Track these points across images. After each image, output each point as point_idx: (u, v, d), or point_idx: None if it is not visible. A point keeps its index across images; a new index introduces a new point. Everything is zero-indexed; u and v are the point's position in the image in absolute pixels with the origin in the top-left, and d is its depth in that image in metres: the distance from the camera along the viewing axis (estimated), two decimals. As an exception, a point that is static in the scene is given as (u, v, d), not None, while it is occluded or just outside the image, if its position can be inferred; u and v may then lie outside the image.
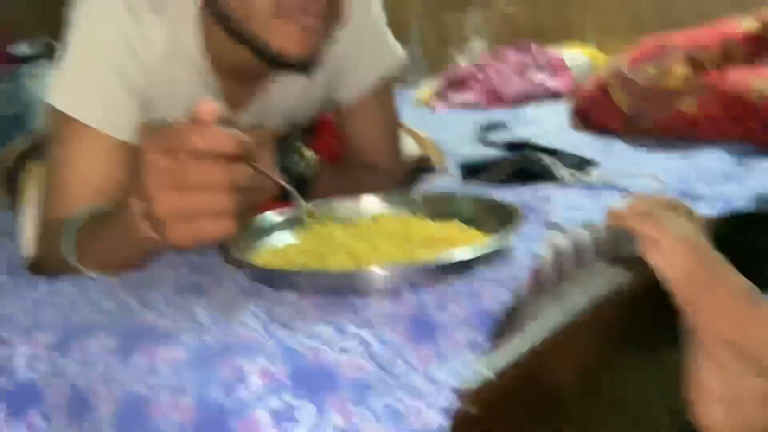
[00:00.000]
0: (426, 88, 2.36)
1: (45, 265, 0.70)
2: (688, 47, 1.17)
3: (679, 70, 1.11)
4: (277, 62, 0.72)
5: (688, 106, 1.09)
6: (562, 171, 0.87)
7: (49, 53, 2.22)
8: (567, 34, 2.60)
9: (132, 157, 0.74)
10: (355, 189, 0.89)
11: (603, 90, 1.28)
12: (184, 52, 0.76)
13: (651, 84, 1.14)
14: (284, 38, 0.67)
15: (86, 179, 0.71)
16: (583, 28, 2.56)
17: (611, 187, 0.85)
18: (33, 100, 1.12)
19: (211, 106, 0.49)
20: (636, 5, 2.42)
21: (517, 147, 1.01)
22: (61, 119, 0.71)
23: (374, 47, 0.90)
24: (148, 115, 0.78)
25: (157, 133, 0.50)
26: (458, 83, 2.25)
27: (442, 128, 1.71)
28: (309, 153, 0.79)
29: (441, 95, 2.25)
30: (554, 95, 2.14)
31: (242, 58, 0.73)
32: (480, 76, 2.22)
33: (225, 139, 0.48)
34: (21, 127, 1.13)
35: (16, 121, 1.14)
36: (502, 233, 0.55)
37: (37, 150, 0.90)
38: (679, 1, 2.32)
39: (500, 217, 0.61)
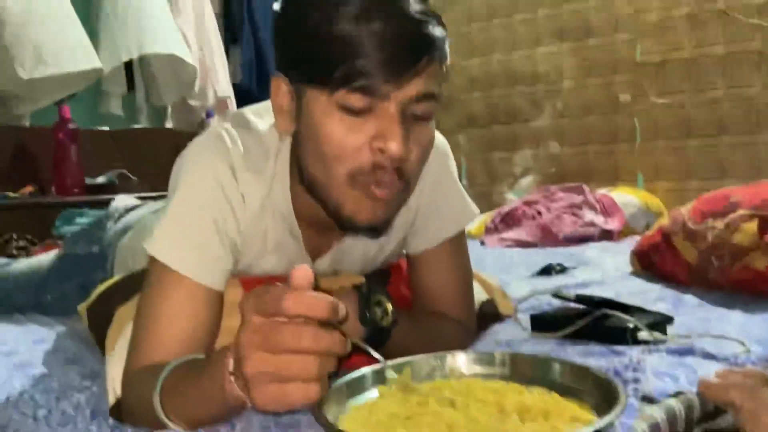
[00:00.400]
0: (477, 223, 2.41)
1: (130, 414, 0.70)
2: (754, 203, 1.18)
3: (748, 228, 1.11)
4: (348, 227, 0.75)
5: (759, 263, 1.08)
6: (642, 332, 0.86)
7: (123, 183, 2.36)
8: (615, 175, 2.66)
9: (220, 308, 0.77)
10: (428, 339, 0.89)
11: (668, 240, 1.28)
12: (275, 206, 0.80)
13: (719, 240, 1.15)
14: (356, 208, 0.71)
15: (178, 328, 0.72)
16: (631, 171, 2.62)
17: (692, 350, 0.83)
18: (112, 239, 1.18)
19: (306, 272, 0.52)
20: (684, 150, 2.48)
21: (587, 300, 1.00)
22: (159, 267, 0.74)
23: (450, 204, 0.92)
24: (238, 261, 0.81)
25: (257, 295, 0.52)
26: (510, 220, 2.28)
27: (497, 266, 1.72)
28: (390, 305, 0.80)
29: (493, 230, 2.28)
30: (605, 235, 2.16)
31: (321, 214, 0.77)
32: (532, 213, 2.26)
33: (318, 306, 0.51)
34: (101, 266, 1.18)
35: (98, 259, 1.19)
36: (608, 415, 0.54)
37: (121, 292, 0.93)
38: (725, 148, 2.37)
39: (596, 388, 0.59)
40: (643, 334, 0.86)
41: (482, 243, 2.20)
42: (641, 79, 2.55)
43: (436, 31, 0.67)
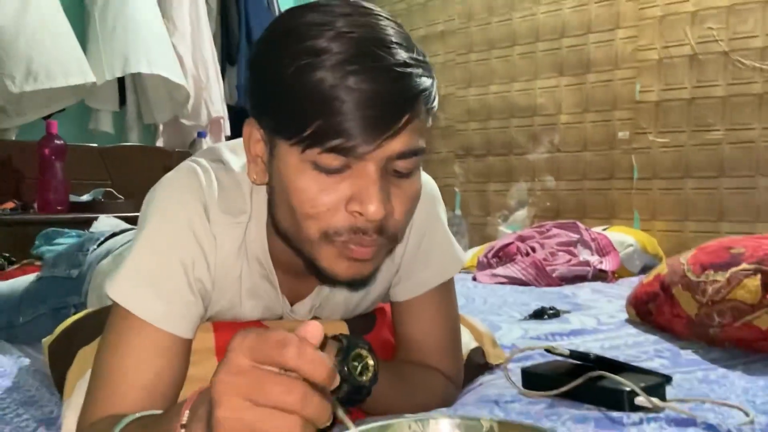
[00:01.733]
0: (469, 255, 2.36)
1: None
2: (757, 256, 1.14)
3: (751, 284, 1.07)
4: (326, 281, 0.70)
5: (763, 322, 1.03)
6: (640, 398, 0.80)
7: (109, 202, 2.30)
8: (610, 212, 2.62)
9: (187, 357, 0.71)
10: (411, 393, 0.84)
11: (666, 290, 1.23)
12: (250, 249, 0.75)
13: (721, 296, 1.10)
14: (333, 264, 0.65)
15: (138, 378, 0.67)
16: (626, 209, 2.58)
17: (693, 421, 0.78)
18: (92, 262, 1.12)
19: (318, 330, 0.45)
20: (681, 190, 2.44)
21: (582, 357, 0.95)
22: (121, 311, 0.68)
23: (437, 252, 0.87)
24: (210, 307, 0.75)
25: (256, 334, 0.46)
26: (504, 255, 2.23)
27: (487, 306, 1.67)
28: (370, 360, 0.75)
29: (485, 265, 2.23)
30: (600, 275, 2.11)
31: (300, 263, 0.72)
32: (526, 249, 2.21)
33: (320, 367, 0.44)
34: (77, 290, 1.12)
35: (75, 283, 1.14)
36: None
37: (85, 330, 0.87)
38: (724, 191, 2.34)
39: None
40: (641, 400, 0.81)
41: (474, 278, 2.15)
42: (640, 116, 2.52)
43: (422, 82, 0.61)
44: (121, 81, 2.73)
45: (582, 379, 0.85)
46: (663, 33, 2.44)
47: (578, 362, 0.95)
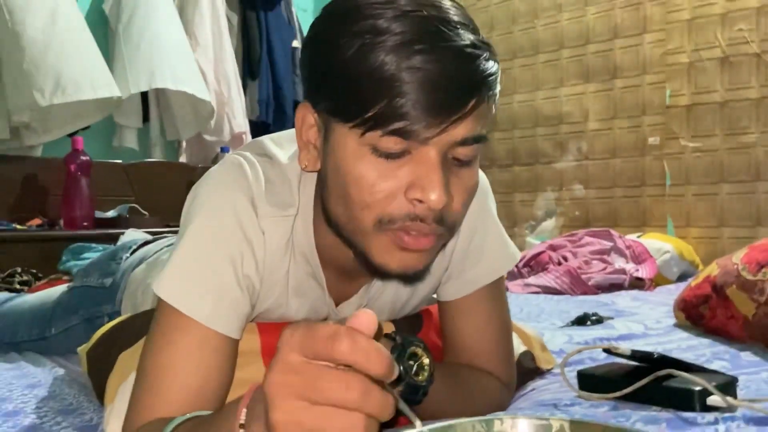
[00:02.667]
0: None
1: None
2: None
3: (815, 279, 1.01)
4: (378, 273, 0.66)
5: (830, 319, 0.98)
6: (713, 397, 0.75)
7: (134, 218, 2.29)
8: (642, 220, 2.56)
9: (235, 358, 0.67)
10: (464, 397, 0.79)
11: (720, 292, 1.18)
12: (297, 245, 0.72)
13: (783, 293, 1.04)
14: (386, 256, 0.62)
15: (186, 380, 0.63)
16: (659, 216, 2.52)
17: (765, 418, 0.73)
18: (125, 270, 1.10)
19: (371, 318, 0.41)
20: (716, 195, 2.38)
21: (645, 358, 0.89)
22: (167, 310, 0.65)
23: (489, 248, 0.83)
24: (256, 306, 0.72)
25: (304, 329, 0.42)
26: (536, 265, 2.18)
27: (524, 314, 1.62)
28: (426, 359, 0.70)
29: (517, 275, 2.18)
30: (636, 284, 2.05)
31: (348, 256, 0.68)
32: (558, 259, 2.16)
33: (378, 358, 0.39)
34: (111, 298, 1.10)
35: (109, 292, 1.12)
36: None
37: (125, 335, 0.84)
38: (761, 195, 2.27)
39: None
40: (715, 399, 0.75)
41: (506, 289, 2.10)
42: (670, 121, 2.47)
43: (489, 66, 0.58)
44: (144, 98, 2.73)
45: (650, 378, 0.80)
46: (692, 36, 2.40)
47: (636, 363, 0.91)
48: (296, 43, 3.20)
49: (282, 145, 0.75)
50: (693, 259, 2.25)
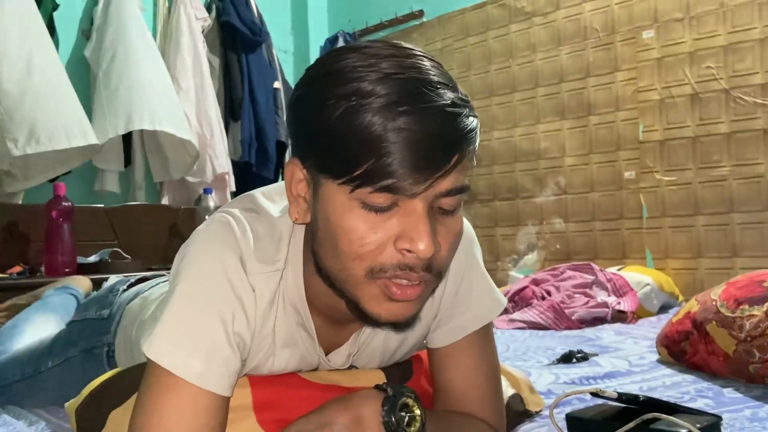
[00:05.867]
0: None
1: None
2: (791, 289, 1.12)
3: (791, 316, 1.04)
4: (368, 322, 0.68)
5: (807, 355, 1.01)
6: (699, 439, 0.77)
7: (116, 262, 2.28)
8: (622, 253, 2.60)
9: (226, 416, 0.68)
10: (457, 444, 0.80)
11: (700, 329, 1.21)
12: (286, 297, 0.73)
13: (760, 331, 1.07)
14: (376, 307, 0.64)
15: None
16: (638, 248, 2.57)
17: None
18: (122, 303, 1.11)
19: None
20: (693, 227, 2.44)
21: (631, 400, 0.91)
22: (157, 370, 0.65)
23: (475, 295, 0.84)
24: (246, 362, 0.73)
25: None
26: (520, 300, 2.20)
27: (510, 352, 1.63)
28: (417, 410, 0.71)
29: (501, 311, 2.19)
30: (618, 316, 2.08)
31: (338, 305, 0.70)
32: (541, 293, 2.18)
33: None
34: (107, 329, 1.10)
35: (106, 323, 1.12)
36: None
37: (116, 392, 0.84)
38: (735, 226, 2.33)
39: None
40: (700, 442, 0.77)
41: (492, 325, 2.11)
42: (645, 156, 2.53)
43: (469, 122, 0.61)
44: (127, 142, 2.74)
45: (636, 422, 0.82)
46: (662, 74, 2.48)
47: (625, 405, 0.92)
48: (277, 84, 3.24)
49: (273, 198, 0.77)
50: (672, 291, 2.29)
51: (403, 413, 0.70)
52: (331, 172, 0.61)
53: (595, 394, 0.91)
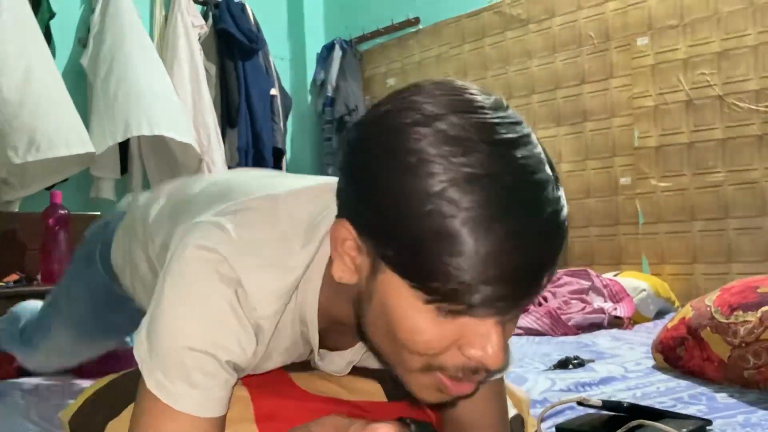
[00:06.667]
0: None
1: None
2: (785, 294, 1.12)
3: (784, 322, 1.05)
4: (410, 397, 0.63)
5: (801, 360, 1.01)
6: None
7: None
8: (618, 258, 2.61)
9: (223, 426, 0.67)
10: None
11: (695, 335, 1.21)
12: (298, 314, 0.70)
13: (755, 337, 1.08)
14: (424, 394, 0.59)
15: None
16: (634, 254, 2.57)
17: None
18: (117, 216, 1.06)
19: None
20: (688, 233, 2.44)
21: (616, 407, 0.92)
22: (152, 396, 0.64)
23: None
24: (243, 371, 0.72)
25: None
26: (516, 307, 2.20)
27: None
28: None
29: (497, 318, 2.19)
30: (615, 322, 2.08)
31: (352, 325, 0.65)
32: (537, 299, 2.18)
33: None
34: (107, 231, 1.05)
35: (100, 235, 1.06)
36: None
37: (110, 401, 0.84)
38: (731, 232, 2.34)
39: None
40: (691, 448, 0.78)
41: (487, 331, 2.11)
42: (640, 162, 2.54)
43: (563, 221, 0.53)
44: (123, 150, 2.74)
45: (623, 430, 0.82)
46: (656, 80, 2.50)
47: (612, 413, 0.93)
48: (274, 91, 3.25)
49: (299, 197, 0.68)
50: (669, 296, 2.29)
51: None
52: (402, 271, 0.52)
53: (580, 403, 0.92)
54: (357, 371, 0.83)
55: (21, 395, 1.34)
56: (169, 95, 2.68)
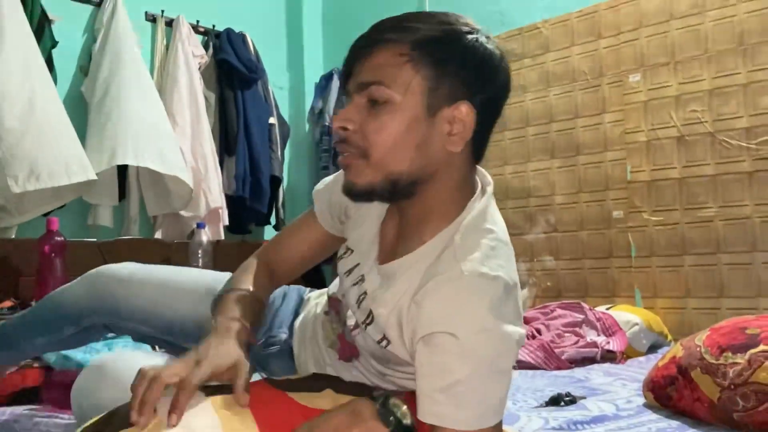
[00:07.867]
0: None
1: None
2: (773, 336, 1.14)
3: (772, 366, 1.06)
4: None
5: (788, 404, 1.02)
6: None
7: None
8: (611, 291, 2.62)
9: None
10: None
11: (685, 375, 1.22)
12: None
13: (743, 379, 1.09)
14: None
15: None
16: (627, 287, 2.59)
17: None
18: None
19: None
20: (682, 267, 2.47)
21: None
22: None
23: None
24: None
25: None
26: (509, 340, 2.21)
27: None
28: (405, 407, 0.78)
29: (491, 351, 2.20)
30: (608, 356, 2.09)
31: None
32: (531, 332, 2.19)
33: None
34: None
35: None
36: None
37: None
38: (723, 267, 2.36)
39: None
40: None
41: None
42: (633, 196, 2.58)
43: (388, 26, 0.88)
44: (122, 176, 2.76)
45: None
46: (648, 116, 2.54)
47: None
48: (272, 120, 3.28)
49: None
50: (661, 330, 2.30)
51: (395, 410, 0.77)
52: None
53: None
54: (352, 390, 0.86)
55: None
56: (161, 125, 2.70)
